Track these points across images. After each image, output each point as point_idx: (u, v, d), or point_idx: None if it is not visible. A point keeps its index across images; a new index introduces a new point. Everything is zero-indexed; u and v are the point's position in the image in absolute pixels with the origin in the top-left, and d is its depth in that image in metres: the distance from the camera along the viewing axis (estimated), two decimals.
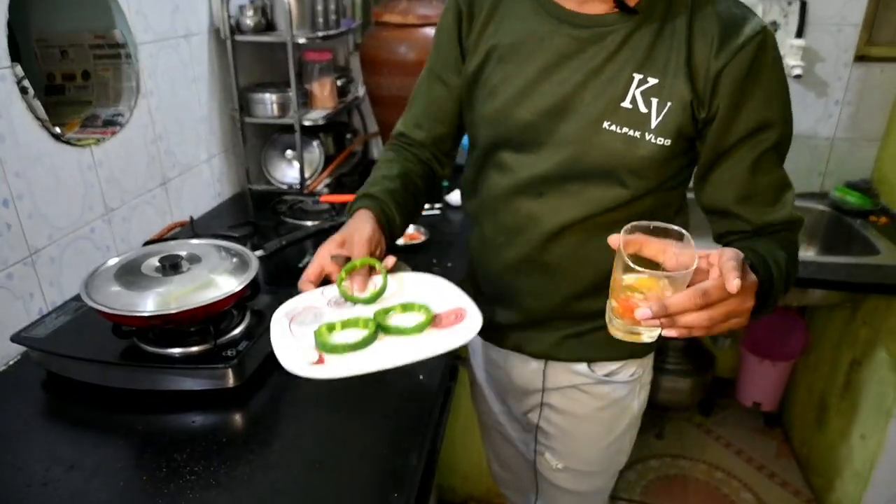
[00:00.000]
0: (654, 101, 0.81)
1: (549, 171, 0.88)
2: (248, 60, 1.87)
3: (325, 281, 0.84)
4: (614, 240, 0.68)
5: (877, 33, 1.92)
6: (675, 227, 0.70)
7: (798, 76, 1.78)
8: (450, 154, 1.07)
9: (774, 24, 1.85)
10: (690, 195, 0.93)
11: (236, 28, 1.71)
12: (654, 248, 0.68)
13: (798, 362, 2.19)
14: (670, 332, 0.65)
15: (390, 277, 0.85)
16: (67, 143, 1.22)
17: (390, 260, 0.86)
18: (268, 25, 1.76)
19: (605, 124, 0.83)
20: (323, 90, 1.94)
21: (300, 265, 1.34)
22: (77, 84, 1.42)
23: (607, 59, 0.82)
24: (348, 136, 2.16)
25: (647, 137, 0.82)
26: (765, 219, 0.84)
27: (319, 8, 1.84)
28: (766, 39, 0.77)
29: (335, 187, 1.99)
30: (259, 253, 1.21)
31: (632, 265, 0.65)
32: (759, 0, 1.83)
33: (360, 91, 2.14)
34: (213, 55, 1.70)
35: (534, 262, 0.96)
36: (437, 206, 1.88)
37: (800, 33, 1.83)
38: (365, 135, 2.27)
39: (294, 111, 1.79)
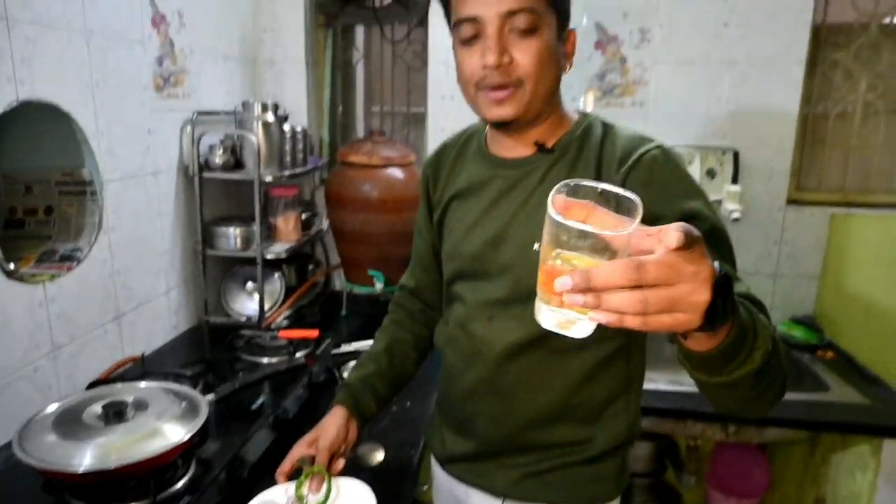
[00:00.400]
0: None
1: (495, 296, 0.97)
2: (214, 194, 1.91)
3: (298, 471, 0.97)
4: (558, 199, 0.55)
5: (804, 180, 2.10)
6: (628, 195, 0.55)
7: (736, 219, 1.90)
8: (438, 302, 1.17)
9: (712, 171, 2.01)
10: None
11: (205, 165, 1.77)
12: (601, 220, 0.55)
13: (764, 499, 2.15)
14: (597, 316, 0.52)
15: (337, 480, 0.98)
16: (20, 279, 1.21)
17: (339, 465, 0.98)
18: (236, 163, 1.83)
19: (535, 246, 0.89)
20: (287, 224, 1.98)
21: (253, 407, 1.30)
22: (38, 219, 1.42)
23: (532, 191, 0.94)
24: (311, 267, 2.19)
25: None
26: None
27: (287, 147, 1.92)
28: (662, 151, 0.89)
29: (295, 319, 1.97)
30: (210, 397, 1.17)
31: (556, 218, 0.52)
32: (696, 150, 2.00)
33: (325, 224, 2.19)
34: (181, 190, 1.74)
35: (489, 385, 1.00)
36: None
37: (735, 180, 1.99)
38: (327, 267, 2.30)
39: (257, 245, 1.82)
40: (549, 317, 0.58)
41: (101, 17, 1.37)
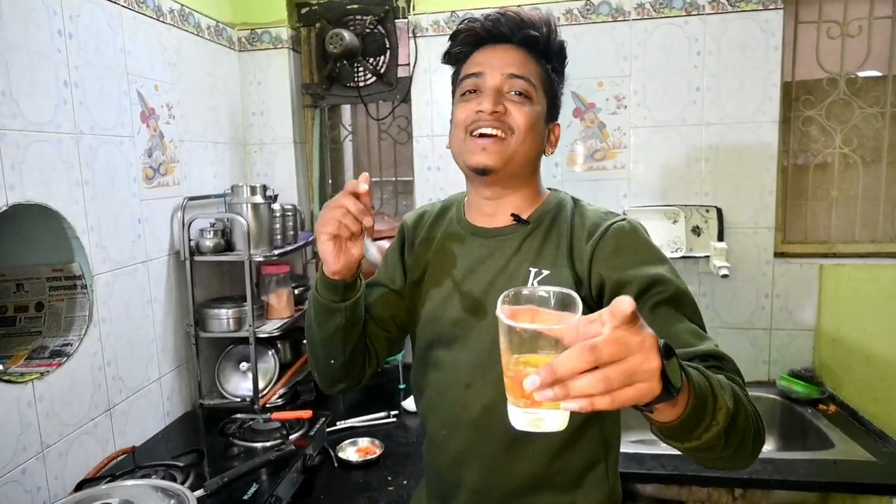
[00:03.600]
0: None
1: (472, 362, 0.99)
2: (205, 276, 1.93)
3: None
4: (502, 311, 0.60)
5: (790, 233, 2.12)
6: (566, 291, 0.62)
7: (725, 276, 1.91)
8: (379, 353, 1.12)
9: (697, 229, 2.04)
10: None
11: (196, 249, 1.79)
12: (547, 320, 0.60)
13: None
14: (569, 405, 0.54)
15: None
16: (8, 380, 1.21)
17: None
18: (227, 245, 1.85)
19: None
20: (280, 301, 1.99)
21: (245, 497, 1.28)
22: (29, 315, 1.43)
23: (509, 259, 1.00)
24: (305, 341, 2.18)
25: None
26: (681, 352, 0.79)
27: (277, 226, 1.95)
28: (628, 223, 0.96)
29: (290, 397, 1.96)
30: (199, 493, 1.15)
31: (508, 323, 0.57)
32: (680, 208, 2.03)
33: None
34: (172, 275, 1.76)
35: (472, 454, 1.01)
36: (394, 413, 1.86)
37: (721, 237, 2.01)
38: None
39: (249, 324, 1.82)
40: (521, 419, 0.61)
41: (91, 118, 1.42)
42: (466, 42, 1.02)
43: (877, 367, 1.86)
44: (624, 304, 0.54)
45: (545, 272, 0.97)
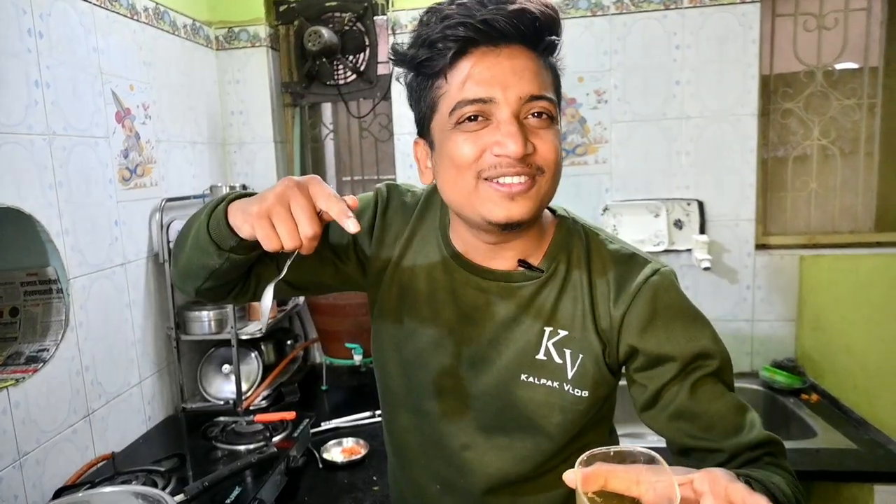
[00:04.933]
0: (568, 352, 0.82)
1: (475, 424, 0.87)
2: None
3: None
4: (570, 476, 0.55)
5: (770, 225, 2.14)
6: (642, 449, 0.57)
7: (707, 268, 1.92)
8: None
9: (679, 222, 2.04)
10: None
11: None
12: (623, 478, 0.55)
13: None
14: None
15: None
16: None
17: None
18: None
19: (523, 377, 0.83)
20: None
21: (227, 500, 1.26)
22: (3, 321, 1.40)
23: (518, 313, 0.83)
24: (289, 342, 2.16)
25: (567, 388, 0.82)
26: (734, 442, 0.77)
27: None
28: (660, 281, 0.80)
29: (275, 398, 1.94)
30: (180, 498, 1.13)
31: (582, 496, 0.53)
32: (662, 202, 2.04)
33: (300, 298, 2.18)
34: (151, 277, 1.73)
35: None
36: (378, 412, 1.84)
37: (703, 230, 2.02)
38: (305, 341, 2.28)
39: (231, 326, 1.80)
40: None
41: (64, 118, 1.39)
42: (448, 47, 0.73)
43: (857, 356, 1.88)
44: (737, 493, 0.52)
45: (563, 333, 0.82)
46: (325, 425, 1.77)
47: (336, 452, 1.61)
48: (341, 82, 2.21)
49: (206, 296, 0.87)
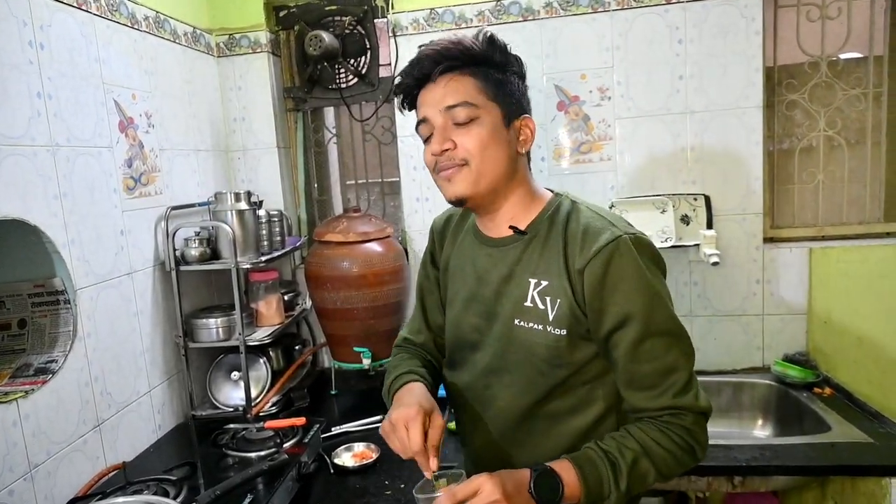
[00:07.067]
0: (548, 298, 1.00)
1: (490, 366, 1.07)
2: (193, 286, 1.90)
3: None
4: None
5: (778, 218, 2.12)
6: (452, 470, 0.93)
7: (716, 263, 1.90)
8: (440, 356, 1.24)
9: (686, 217, 2.03)
10: None
11: (182, 259, 1.77)
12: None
13: None
14: None
15: None
16: None
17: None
18: (213, 253, 1.83)
19: (516, 321, 1.03)
20: (269, 308, 1.97)
21: None
22: (12, 333, 1.41)
23: (511, 269, 1.05)
24: (297, 347, 2.16)
25: (549, 329, 1.00)
26: (645, 405, 0.97)
27: (263, 232, 1.93)
28: (618, 247, 0.94)
29: (284, 404, 1.94)
30: None
31: None
32: (669, 198, 2.02)
33: (308, 303, 2.17)
34: (158, 286, 1.73)
35: (492, 450, 1.09)
36: None
37: (710, 224, 2.00)
38: (314, 346, 2.27)
39: (239, 333, 1.80)
40: None
41: (67, 129, 1.39)
42: (407, 92, 1.05)
43: (869, 349, 1.86)
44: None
45: (544, 282, 1.01)
46: (336, 430, 1.77)
47: (347, 457, 1.60)
48: (343, 86, 2.21)
49: None
